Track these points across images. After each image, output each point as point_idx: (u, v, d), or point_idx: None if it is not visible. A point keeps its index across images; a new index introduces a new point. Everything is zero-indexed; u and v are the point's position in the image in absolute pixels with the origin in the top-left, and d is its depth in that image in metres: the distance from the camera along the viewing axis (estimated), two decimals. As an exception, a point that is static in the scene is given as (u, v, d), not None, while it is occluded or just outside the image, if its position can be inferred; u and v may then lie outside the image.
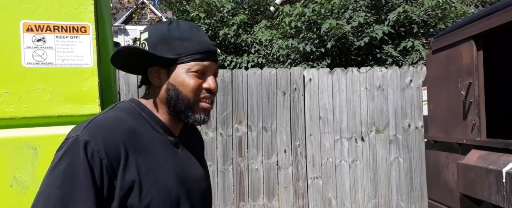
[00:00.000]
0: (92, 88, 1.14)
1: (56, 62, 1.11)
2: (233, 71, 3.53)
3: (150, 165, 0.94)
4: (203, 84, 0.98)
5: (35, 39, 1.09)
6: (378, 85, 3.89)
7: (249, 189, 3.58)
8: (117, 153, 0.88)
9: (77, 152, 0.84)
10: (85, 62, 1.14)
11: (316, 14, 6.11)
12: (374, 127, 3.89)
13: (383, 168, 3.92)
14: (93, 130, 0.88)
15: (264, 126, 3.61)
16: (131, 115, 0.97)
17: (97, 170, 0.85)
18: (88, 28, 1.14)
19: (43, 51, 1.10)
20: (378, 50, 6.21)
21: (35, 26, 1.08)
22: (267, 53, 7.35)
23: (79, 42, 1.14)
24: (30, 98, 1.08)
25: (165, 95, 0.99)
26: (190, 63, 0.97)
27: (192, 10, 7.81)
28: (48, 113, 1.10)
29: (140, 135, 0.94)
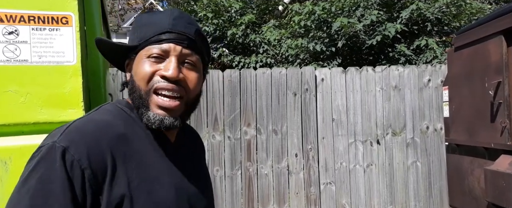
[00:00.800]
0: (75, 89, 0.98)
1: (32, 59, 0.94)
2: (241, 71, 3.36)
3: (143, 176, 0.77)
4: (158, 72, 0.80)
5: (6, 31, 0.92)
6: (394, 85, 3.68)
7: (259, 195, 3.40)
8: (102, 163, 0.71)
9: (53, 162, 0.67)
10: (67, 59, 0.97)
11: (326, 13, 5.92)
12: (390, 129, 3.68)
13: (400, 172, 3.70)
14: (73, 135, 0.71)
15: (274, 129, 3.43)
16: (119, 118, 0.80)
17: (78, 183, 0.68)
18: (70, 18, 0.97)
19: (16, 46, 0.93)
20: (390, 49, 5.99)
21: (6, 16, 0.92)
22: (275, 53, 7.18)
23: (60, 35, 0.97)
24: (0, 101, 0.91)
25: (128, 90, 0.84)
26: (146, 47, 0.81)
27: (200, 10, 7.67)
28: (22, 120, 0.93)
29: (130, 141, 0.77)
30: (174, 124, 0.81)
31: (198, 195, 0.90)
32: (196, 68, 0.84)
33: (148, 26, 0.83)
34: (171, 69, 0.78)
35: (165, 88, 0.79)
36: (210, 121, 3.29)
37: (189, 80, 0.82)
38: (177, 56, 0.81)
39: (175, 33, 0.81)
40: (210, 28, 7.35)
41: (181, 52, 0.81)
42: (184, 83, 0.81)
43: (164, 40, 0.80)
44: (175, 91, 0.80)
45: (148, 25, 0.83)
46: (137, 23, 0.86)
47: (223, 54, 7.11)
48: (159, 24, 0.82)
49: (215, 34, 7.50)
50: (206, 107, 3.28)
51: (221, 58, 7.03)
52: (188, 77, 0.82)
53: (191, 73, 0.83)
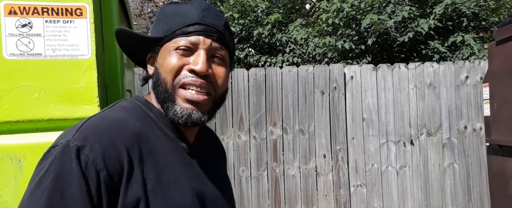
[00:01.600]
0: (89, 84, 0.93)
1: (46, 52, 0.91)
2: (266, 69, 3.29)
3: (160, 177, 0.72)
4: (187, 65, 0.75)
5: (19, 24, 0.89)
6: (429, 83, 3.49)
7: (286, 197, 3.31)
8: (119, 163, 0.66)
9: (68, 162, 0.63)
10: (82, 52, 0.93)
11: (355, 10, 5.75)
12: (425, 129, 3.49)
13: (436, 175, 3.50)
14: (87, 134, 0.67)
15: (301, 129, 3.33)
16: (136, 116, 0.75)
17: (93, 184, 0.63)
18: (84, 10, 0.93)
19: (29, 39, 0.89)
20: (423, 46, 5.74)
21: (19, 8, 0.89)
22: (302, 52, 7.07)
23: (74, 27, 0.93)
24: (14, 97, 0.88)
25: (153, 81, 0.78)
26: (173, 39, 0.75)
27: (226, 11, 7.68)
28: (36, 116, 0.89)
29: (146, 140, 0.72)
30: (202, 119, 0.76)
31: (216, 198, 0.84)
32: (225, 63, 0.80)
33: (174, 17, 0.78)
34: (201, 63, 0.74)
35: (193, 83, 0.74)
36: (235, 121, 3.23)
37: (218, 76, 0.78)
38: (206, 50, 0.76)
39: (205, 25, 0.76)
40: (236, 28, 7.33)
41: (210, 45, 0.76)
42: (212, 79, 0.77)
43: (193, 32, 0.75)
44: (203, 87, 0.75)
45: (175, 16, 0.78)
46: (162, 14, 0.81)
47: (249, 54, 7.07)
48: (187, 15, 0.77)
49: (241, 35, 7.48)
50: (231, 107, 3.22)
51: (247, 59, 6.99)
52: (217, 72, 0.77)
53: (220, 68, 0.78)
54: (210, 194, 0.82)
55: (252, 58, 7.00)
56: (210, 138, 0.98)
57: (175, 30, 0.76)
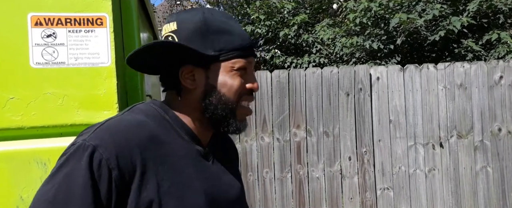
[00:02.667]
0: (109, 91, 0.98)
1: (69, 61, 0.96)
2: (290, 71, 3.29)
3: (174, 180, 0.74)
4: (246, 84, 0.82)
5: (44, 34, 0.94)
6: (459, 83, 3.37)
7: (310, 199, 3.29)
8: (131, 164, 0.69)
9: (80, 160, 0.67)
10: (102, 60, 0.98)
11: (383, 9, 5.62)
12: (455, 131, 3.37)
13: (467, 178, 3.37)
14: (103, 134, 0.71)
15: (325, 131, 3.30)
16: (153, 119, 0.78)
17: (104, 182, 0.67)
18: (104, 19, 0.98)
19: (54, 48, 0.95)
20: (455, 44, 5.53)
21: (44, 20, 0.94)
22: (329, 53, 7.00)
23: (95, 36, 0.97)
24: (40, 104, 0.94)
25: (203, 100, 0.80)
26: (232, 60, 0.80)
27: (252, 13, 7.73)
28: (60, 122, 0.95)
29: (162, 143, 0.75)
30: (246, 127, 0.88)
31: (230, 200, 0.86)
32: None
33: (229, 35, 0.80)
34: (255, 83, 0.84)
35: (250, 100, 0.85)
36: (258, 123, 3.25)
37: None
38: (253, 67, 0.86)
39: (252, 47, 0.85)
40: (262, 30, 7.36)
41: (254, 63, 0.86)
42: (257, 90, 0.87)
43: (249, 55, 0.83)
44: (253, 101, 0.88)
45: (229, 34, 0.80)
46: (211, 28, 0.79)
47: (275, 55, 7.07)
48: (242, 37, 0.83)
49: (267, 36, 7.50)
50: (255, 109, 3.25)
51: (273, 60, 7.00)
52: None
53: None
54: (224, 196, 0.84)
55: (278, 59, 7.00)
56: (224, 140, 1.00)
57: (231, 51, 0.80)
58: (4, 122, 0.92)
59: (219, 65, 0.79)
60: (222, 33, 0.80)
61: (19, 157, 0.90)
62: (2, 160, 0.90)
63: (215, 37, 0.79)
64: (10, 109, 0.92)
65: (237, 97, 0.81)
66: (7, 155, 0.90)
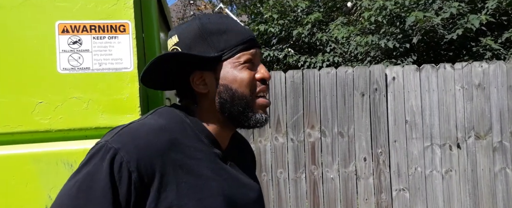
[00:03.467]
0: (132, 95, 1.00)
1: (93, 66, 0.99)
2: (304, 71, 3.28)
3: (194, 183, 0.76)
4: (256, 74, 0.83)
5: (70, 41, 0.98)
6: (477, 83, 3.31)
7: (324, 200, 3.29)
8: (151, 167, 0.72)
9: (101, 161, 0.71)
10: (125, 65, 1.01)
11: (399, 7, 5.56)
12: (473, 132, 3.31)
13: (486, 180, 3.32)
14: (126, 137, 0.74)
15: (340, 131, 3.29)
16: (174, 122, 0.81)
17: (124, 185, 0.70)
18: (127, 26, 1.01)
19: (79, 54, 0.98)
20: (474, 43, 5.43)
21: (70, 27, 0.98)
22: (343, 51, 6.95)
23: (118, 43, 1.00)
24: (66, 108, 0.97)
25: (218, 100, 0.82)
26: (236, 55, 0.82)
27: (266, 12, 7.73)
28: (85, 125, 0.98)
29: (182, 147, 0.78)
30: (268, 120, 0.87)
31: (248, 203, 0.87)
32: None
33: (225, 34, 0.82)
34: (266, 71, 0.84)
35: (264, 90, 0.85)
36: (272, 123, 3.26)
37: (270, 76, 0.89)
38: (260, 59, 0.88)
39: (254, 38, 0.85)
40: (275, 29, 7.35)
41: (261, 54, 0.88)
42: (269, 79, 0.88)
43: (252, 46, 0.84)
44: (268, 91, 0.87)
45: (225, 33, 0.83)
46: (206, 32, 0.82)
47: (289, 54, 7.06)
48: (239, 31, 0.84)
49: (281, 35, 7.49)
50: (269, 109, 3.25)
51: (287, 59, 6.99)
52: None
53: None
54: (242, 198, 0.86)
55: (291, 59, 6.98)
56: (242, 144, 1.02)
57: (233, 47, 0.82)
58: (33, 125, 0.96)
59: (225, 63, 0.82)
60: (220, 33, 0.82)
61: (47, 159, 0.94)
62: (32, 161, 0.94)
63: (215, 38, 0.82)
64: (38, 113, 0.96)
65: (250, 89, 0.82)
66: (36, 157, 0.94)
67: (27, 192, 0.92)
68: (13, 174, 0.93)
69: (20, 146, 0.95)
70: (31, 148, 0.95)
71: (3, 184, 0.92)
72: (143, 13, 1.13)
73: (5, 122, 0.94)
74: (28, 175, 0.93)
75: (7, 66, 0.95)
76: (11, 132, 0.94)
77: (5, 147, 0.94)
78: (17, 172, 0.93)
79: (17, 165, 0.93)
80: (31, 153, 0.95)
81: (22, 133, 0.95)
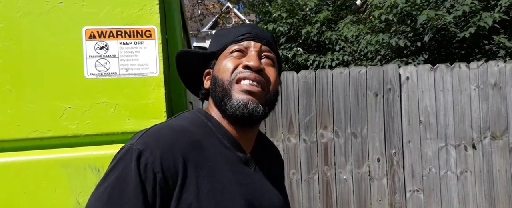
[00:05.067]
0: (158, 100, 1.00)
1: (120, 72, 0.99)
2: (316, 71, 3.26)
3: (214, 185, 0.76)
4: (241, 64, 0.84)
5: (97, 47, 0.98)
6: (493, 83, 3.27)
7: (338, 201, 3.27)
8: (174, 168, 0.73)
9: (129, 163, 0.71)
10: (151, 70, 1.00)
11: (410, 5, 5.50)
12: (489, 132, 3.27)
13: (502, 181, 3.27)
14: (149, 139, 0.74)
15: (353, 132, 3.27)
16: (196, 126, 0.82)
17: (150, 185, 0.70)
18: (153, 31, 1.01)
19: (106, 60, 0.98)
20: (487, 41, 5.35)
21: (97, 33, 0.98)
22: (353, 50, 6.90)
23: (144, 48, 1.00)
24: (93, 113, 0.98)
25: (210, 92, 0.87)
26: (227, 47, 0.86)
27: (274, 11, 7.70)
28: (112, 130, 0.98)
29: (204, 149, 0.78)
30: (257, 110, 0.80)
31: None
32: (274, 66, 0.88)
33: (227, 34, 0.89)
34: (253, 60, 0.82)
35: (248, 77, 0.81)
36: (285, 124, 3.25)
37: (269, 73, 0.85)
38: (257, 51, 0.85)
39: (254, 34, 0.86)
40: (284, 28, 7.33)
41: (260, 47, 0.86)
42: (265, 75, 0.84)
43: (244, 38, 0.86)
44: (257, 81, 0.82)
45: (228, 33, 0.89)
46: (216, 35, 0.92)
47: (297, 53, 7.03)
48: (238, 30, 0.88)
49: (289, 34, 7.46)
50: (281, 109, 3.25)
51: (295, 58, 6.96)
52: (267, 70, 0.85)
53: (269, 68, 0.86)
54: (264, 203, 0.85)
55: (300, 58, 6.96)
56: (268, 150, 1.01)
57: (229, 42, 0.87)
58: (61, 130, 0.96)
59: (220, 57, 0.87)
60: (225, 34, 0.89)
61: (75, 163, 0.95)
62: (60, 166, 0.95)
63: (220, 38, 0.89)
64: (66, 118, 0.96)
65: (230, 75, 0.82)
66: (64, 161, 0.94)
67: (55, 196, 0.93)
68: (42, 179, 0.93)
69: (49, 151, 0.95)
70: (59, 153, 0.95)
71: (32, 188, 0.92)
72: (167, 19, 1.13)
73: (34, 127, 0.95)
74: (57, 180, 0.93)
75: (36, 71, 0.95)
76: (40, 137, 0.95)
77: (34, 152, 0.94)
78: (46, 177, 0.93)
79: (46, 170, 0.94)
80: (60, 158, 0.95)
81: (50, 138, 0.96)
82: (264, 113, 0.83)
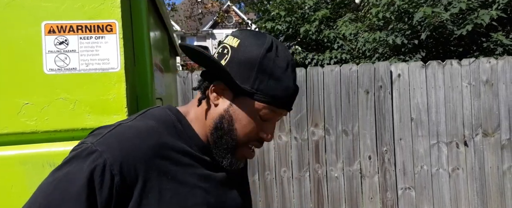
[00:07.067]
0: (119, 96, 1.00)
1: (80, 67, 0.98)
2: (307, 69, 3.25)
3: (177, 190, 0.75)
4: (260, 132, 0.82)
5: (57, 41, 0.97)
6: (485, 80, 3.24)
7: (329, 199, 3.26)
8: (135, 172, 0.71)
9: (83, 163, 0.70)
10: (112, 66, 1.00)
11: (407, 3, 5.47)
12: (481, 129, 3.25)
13: (494, 178, 3.25)
14: (112, 140, 0.72)
15: (344, 129, 3.26)
16: (164, 125, 0.79)
17: (106, 188, 0.69)
18: (114, 26, 1.00)
19: (66, 55, 0.98)
20: (484, 38, 5.31)
21: (57, 27, 0.97)
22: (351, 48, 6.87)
23: (105, 43, 1.00)
24: (53, 109, 0.97)
25: (217, 122, 0.80)
26: (263, 103, 0.78)
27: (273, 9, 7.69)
28: (71, 126, 0.98)
29: (169, 151, 0.76)
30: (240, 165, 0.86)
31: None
32: None
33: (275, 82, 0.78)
34: (271, 136, 0.84)
35: (257, 146, 0.85)
36: (276, 121, 3.24)
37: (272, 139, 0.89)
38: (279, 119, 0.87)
39: (293, 100, 0.84)
40: (282, 26, 7.31)
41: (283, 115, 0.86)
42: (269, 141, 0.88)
43: (282, 105, 0.81)
44: (260, 147, 0.86)
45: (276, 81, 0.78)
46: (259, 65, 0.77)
47: (296, 52, 7.02)
48: (287, 89, 0.79)
49: (288, 32, 7.45)
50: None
51: (294, 56, 6.95)
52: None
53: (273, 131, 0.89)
54: (228, 206, 0.84)
55: (298, 56, 6.94)
56: None
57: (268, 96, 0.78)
58: (19, 127, 0.96)
59: (248, 101, 0.78)
60: (270, 77, 0.77)
61: (34, 160, 0.94)
62: (18, 163, 0.94)
63: (261, 77, 0.77)
64: (25, 114, 0.96)
65: (245, 138, 0.81)
66: (22, 158, 0.94)
67: (12, 194, 0.92)
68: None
69: (6, 148, 0.95)
70: (17, 150, 0.95)
71: (-11, 186, 0.92)
72: (132, 12, 1.13)
73: (-9, 123, 0.94)
74: (14, 177, 0.93)
75: (-7, 67, 0.95)
76: (-3, 134, 0.95)
77: (-8, 148, 0.94)
78: (3, 174, 0.93)
79: (3, 167, 0.93)
80: (17, 155, 0.94)
81: (8, 135, 0.95)
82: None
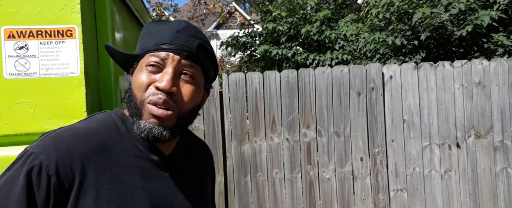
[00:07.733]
0: (79, 100, 1.03)
1: (40, 72, 1.02)
2: (299, 71, 3.26)
3: (116, 190, 0.76)
4: (154, 83, 0.79)
5: (17, 46, 1.01)
6: (477, 81, 3.22)
7: (321, 200, 3.27)
8: (71, 172, 0.73)
9: (21, 166, 0.72)
10: (71, 70, 1.03)
11: (407, 3, 5.44)
12: (473, 131, 3.22)
13: (487, 180, 3.22)
14: (49, 141, 0.75)
15: (336, 131, 3.26)
16: (106, 128, 0.81)
17: (43, 189, 0.71)
18: (74, 31, 1.03)
19: (26, 59, 1.01)
20: (485, 39, 5.26)
21: (17, 32, 1.00)
22: (353, 49, 6.85)
23: (65, 47, 1.03)
24: (12, 113, 1.00)
25: (126, 97, 0.84)
26: (146, 55, 0.81)
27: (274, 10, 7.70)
28: (32, 130, 1.00)
29: (109, 152, 0.77)
30: (163, 134, 0.79)
31: None
32: (195, 81, 0.83)
33: (152, 36, 0.83)
34: (165, 81, 0.78)
35: (157, 102, 0.78)
36: (267, 123, 3.26)
37: (184, 93, 0.81)
38: (174, 66, 0.80)
39: (175, 44, 0.80)
40: (284, 27, 7.32)
41: (179, 62, 0.80)
42: (177, 96, 0.80)
43: (163, 49, 0.80)
44: (165, 105, 0.79)
45: (153, 35, 0.83)
46: (144, 32, 0.86)
47: (297, 52, 7.02)
48: (162, 35, 0.82)
49: (289, 33, 7.45)
50: (264, 109, 3.26)
51: (295, 57, 6.95)
52: (183, 89, 0.81)
53: (187, 86, 0.81)
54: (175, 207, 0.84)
55: (300, 57, 6.95)
56: (200, 152, 0.99)
57: (149, 48, 0.82)
58: (-21, 131, 0.99)
59: (139, 63, 0.83)
60: (149, 35, 0.83)
61: (-7, 164, 0.97)
62: (-22, 166, 0.97)
63: (144, 39, 0.84)
64: (-15, 118, 0.99)
65: (141, 93, 0.79)
66: (-18, 162, 0.97)
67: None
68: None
69: (-34, 151, 0.98)
70: (-23, 153, 0.98)
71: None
72: (97, 17, 1.16)
73: (-49, 127, 0.98)
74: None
75: (-46, 72, 0.99)
76: (-43, 138, 0.98)
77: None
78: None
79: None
80: (-23, 158, 0.98)
81: (-32, 138, 0.99)
82: (173, 134, 0.81)
